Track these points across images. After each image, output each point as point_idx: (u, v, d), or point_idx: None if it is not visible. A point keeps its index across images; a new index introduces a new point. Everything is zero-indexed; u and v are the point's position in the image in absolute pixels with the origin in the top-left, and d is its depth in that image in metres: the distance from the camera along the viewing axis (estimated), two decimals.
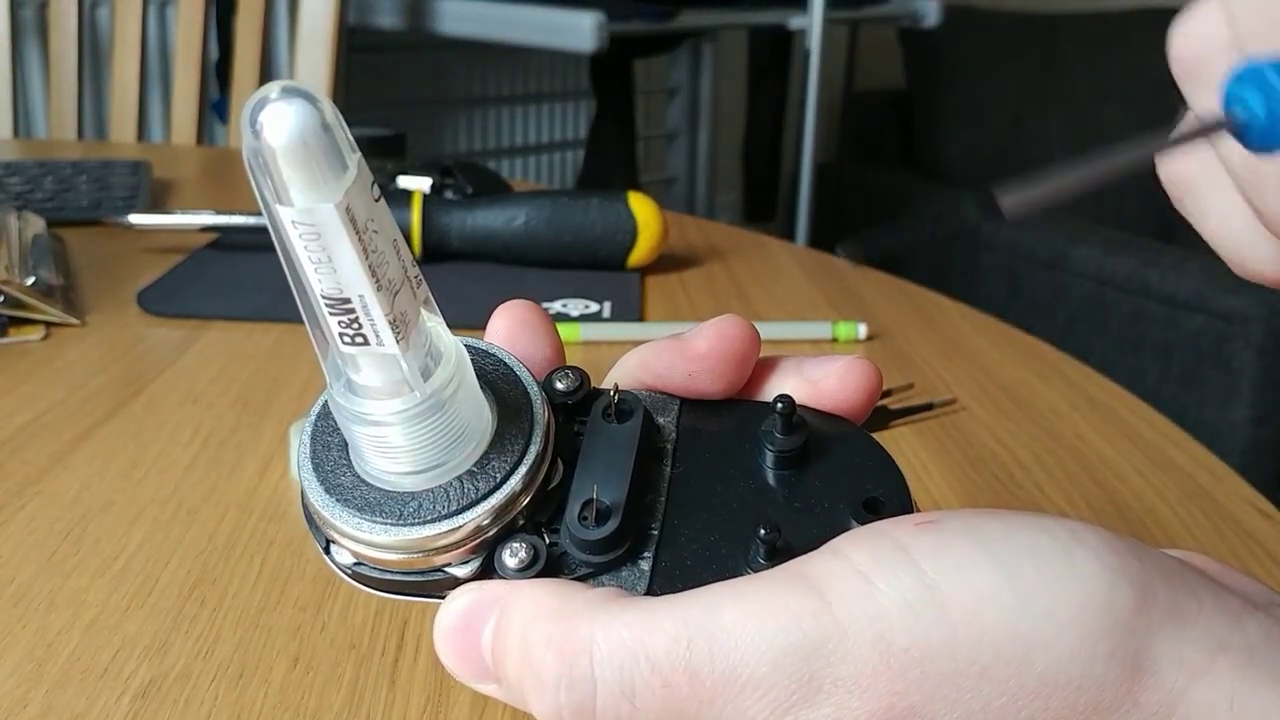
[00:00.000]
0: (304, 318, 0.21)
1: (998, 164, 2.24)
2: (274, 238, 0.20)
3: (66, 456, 0.48)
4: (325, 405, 0.25)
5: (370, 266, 0.20)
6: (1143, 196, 2.25)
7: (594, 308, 0.68)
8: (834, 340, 0.64)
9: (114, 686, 0.34)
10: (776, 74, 2.41)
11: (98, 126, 1.65)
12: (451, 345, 0.23)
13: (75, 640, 0.36)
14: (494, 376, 0.25)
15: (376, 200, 0.20)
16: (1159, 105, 2.34)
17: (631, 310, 0.68)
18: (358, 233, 0.19)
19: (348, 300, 0.20)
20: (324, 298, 0.20)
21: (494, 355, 0.25)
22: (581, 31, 1.64)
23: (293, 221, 0.19)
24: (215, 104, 1.66)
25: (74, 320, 0.63)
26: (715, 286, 0.74)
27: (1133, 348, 1.76)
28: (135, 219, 0.75)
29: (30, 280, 0.63)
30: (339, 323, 0.20)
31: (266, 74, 1.35)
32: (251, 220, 0.75)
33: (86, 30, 1.35)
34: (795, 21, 1.89)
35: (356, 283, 0.20)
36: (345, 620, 0.38)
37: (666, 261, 0.76)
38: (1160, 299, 1.71)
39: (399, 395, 0.22)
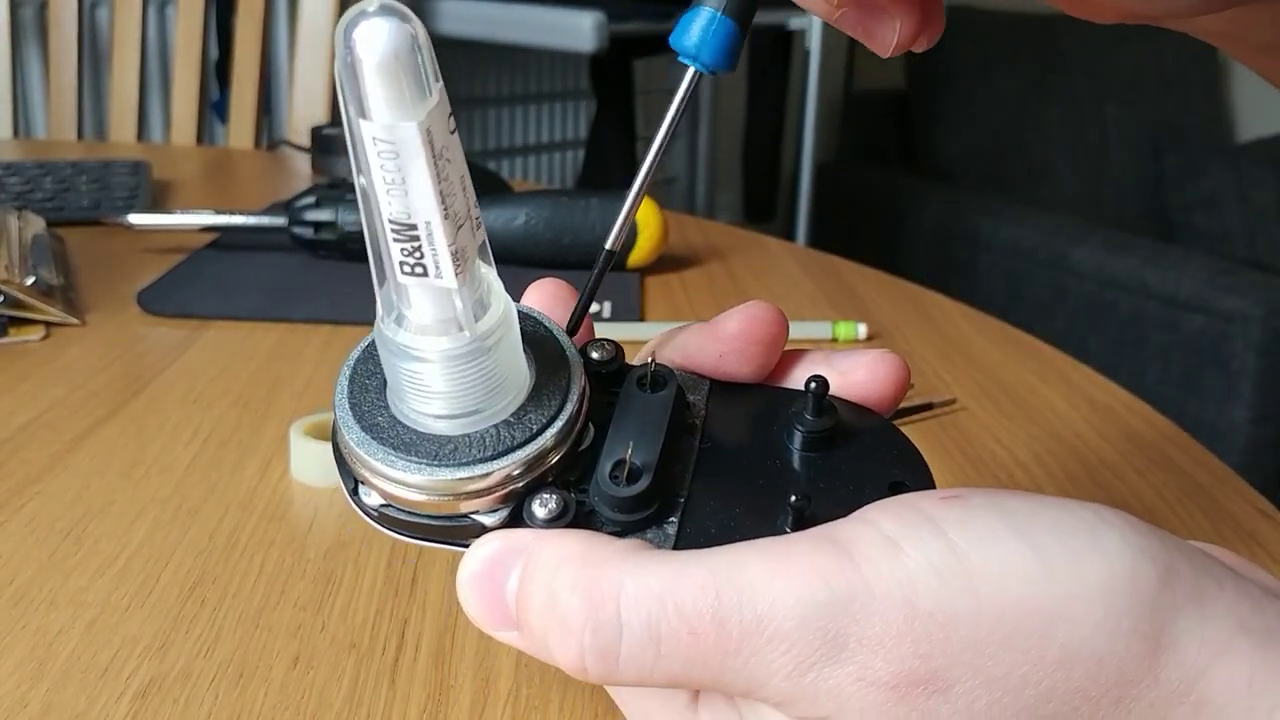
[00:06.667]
0: (366, 244, 0.21)
1: (998, 164, 2.24)
2: (351, 157, 0.20)
3: (67, 456, 0.48)
4: (365, 350, 0.25)
5: (440, 193, 0.20)
6: (1143, 196, 2.25)
7: (594, 308, 0.68)
8: (834, 340, 0.64)
9: (114, 686, 0.34)
10: (776, 74, 2.41)
11: (98, 126, 1.65)
12: (501, 295, 0.23)
13: (76, 639, 0.36)
14: (534, 337, 0.25)
15: (452, 132, 0.20)
16: (1159, 105, 2.34)
17: (631, 310, 0.68)
18: (434, 157, 0.20)
19: (414, 227, 0.20)
20: (391, 222, 0.20)
21: (534, 318, 0.26)
22: (581, 31, 1.64)
23: (374, 138, 0.19)
24: (215, 104, 1.66)
25: (74, 320, 0.63)
26: (715, 286, 0.74)
27: (1133, 348, 1.76)
28: (135, 219, 0.75)
29: (30, 280, 0.63)
30: (401, 250, 0.21)
31: (266, 74, 1.35)
32: (251, 220, 0.75)
33: (86, 30, 1.35)
34: (795, 21, 1.89)
35: (425, 208, 0.20)
36: (345, 620, 0.38)
37: (666, 261, 0.76)
38: (1160, 299, 1.71)
39: (447, 334, 0.22)
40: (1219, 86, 2.52)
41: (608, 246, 0.27)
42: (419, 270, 0.21)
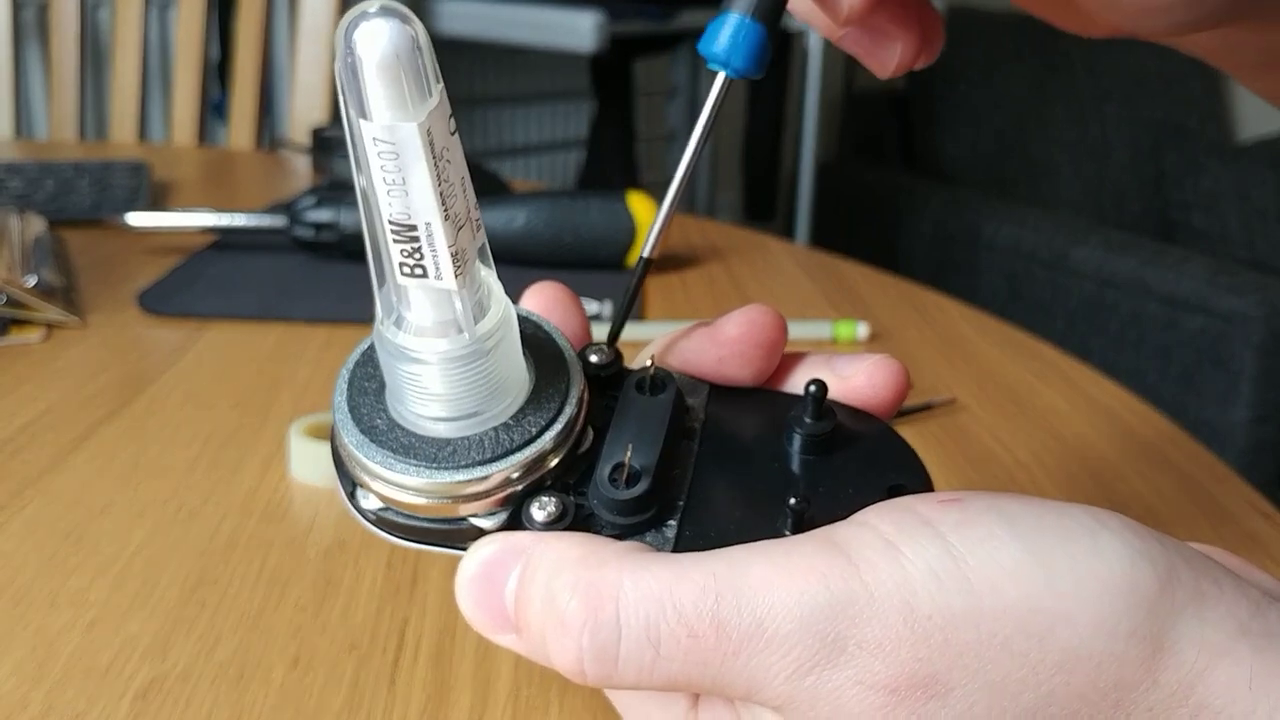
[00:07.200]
0: (366, 245, 0.21)
1: (998, 164, 2.24)
2: (351, 157, 0.20)
3: (67, 457, 0.48)
4: (364, 352, 0.25)
5: (441, 194, 0.20)
6: (1143, 196, 2.25)
7: (594, 308, 0.68)
8: (834, 340, 0.64)
9: (115, 686, 0.34)
10: (776, 74, 2.41)
11: (98, 127, 1.65)
12: (501, 298, 0.23)
13: (76, 640, 0.36)
14: (533, 340, 0.25)
15: (453, 133, 0.20)
16: (1159, 105, 2.34)
17: (631, 310, 0.68)
18: (434, 158, 0.20)
19: (414, 228, 0.20)
20: (390, 223, 0.20)
21: (534, 321, 0.26)
22: (581, 31, 1.64)
23: (374, 138, 0.19)
24: (216, 104, 1.66)
25: (74, 320, 0.63)
26: (715, 286, 0.74)
27: (1133, 348, 1.76)
28: (135, 219, 0.75)
29: (31, 280, 0.63)
30: (401, 251, 0.21)
31: (267, 74, 1.35)
32: (252, 221, 0.75)
33: (87, 31, 1.35)
34: (795, 21, 1.89)
35: (425, 209, 0.20)
36: (345, 620, 0.38)
37: (666, 261, 0.76)
38: (1160, 299, 1.71)
39: (447, 336, 0.22)
40: (1219, 86, 2.52)
41: (645, 255, 0.28)
42: (418, 271, 0.21)
